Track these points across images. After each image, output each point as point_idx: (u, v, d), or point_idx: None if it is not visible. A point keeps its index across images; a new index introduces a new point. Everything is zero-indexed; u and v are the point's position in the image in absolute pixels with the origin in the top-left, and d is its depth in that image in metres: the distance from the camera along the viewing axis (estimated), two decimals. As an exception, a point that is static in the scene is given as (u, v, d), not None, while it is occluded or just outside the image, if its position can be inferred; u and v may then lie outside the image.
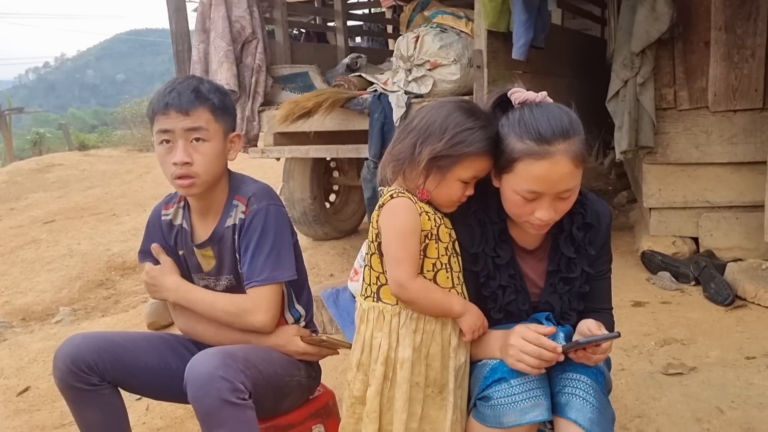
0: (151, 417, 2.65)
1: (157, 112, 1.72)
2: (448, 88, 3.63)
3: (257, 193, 1.82)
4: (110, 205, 7.91)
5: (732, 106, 3.76)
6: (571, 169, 1.45)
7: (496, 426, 1.50)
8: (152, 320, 3.59)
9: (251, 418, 1.59)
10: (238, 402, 1.55)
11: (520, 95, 1.51)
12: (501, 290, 1.63)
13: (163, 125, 1.72)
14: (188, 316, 1.89)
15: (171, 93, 1.72)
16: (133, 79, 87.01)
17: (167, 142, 1.73)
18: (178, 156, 1.72)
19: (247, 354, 1.69)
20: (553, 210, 1.50)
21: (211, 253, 1.87)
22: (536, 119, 1.45)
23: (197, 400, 1.55)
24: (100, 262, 5.29)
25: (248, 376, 1.60)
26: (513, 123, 1.49)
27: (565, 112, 1.48)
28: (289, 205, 4.78)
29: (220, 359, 1.57)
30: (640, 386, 2.53)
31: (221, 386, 1.53)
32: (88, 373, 1.72)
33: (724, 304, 3.27)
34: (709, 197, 3.93)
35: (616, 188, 6.06)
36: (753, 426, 2.21)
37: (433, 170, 1.51)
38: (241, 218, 1.80)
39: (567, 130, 1.44)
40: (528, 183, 1.46)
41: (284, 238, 1.82)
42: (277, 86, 4.30)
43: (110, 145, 15.44)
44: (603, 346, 1.48)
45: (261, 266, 1.77)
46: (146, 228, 1.96)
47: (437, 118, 1.53)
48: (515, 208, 1.53)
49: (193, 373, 1.56)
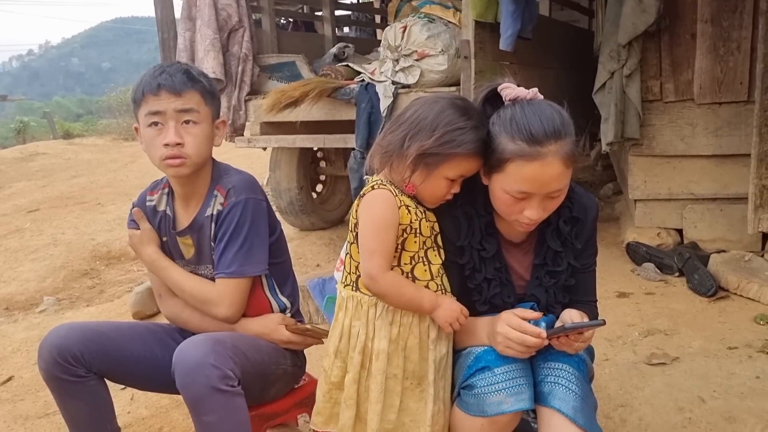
0: (136, 407, 2.64)
1: (147, 93, 1.71)
2: (436, 79, 3.63)
3: (237, 186, 1.81)
4: (95, 194, 7.85)
5: (717, 98, 3.78)
6: (562, 170, 1.45)
7: (479, 414, 1.50)
8: (137, 309, 3.57)
9: (241, 405, 1.59)
10: (228, 389, 1.55)
11: (511, 92, 1.50)
12: (486, 283, 1.64)
13: (153, 106, 1.71)
14: (173, 303, 1.89)
15: (162, 74, 1.71)
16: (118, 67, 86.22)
17: (156, 125, 1.72)
18: (170, 137, 1.71)
19: (236, 341, 1.69)
20: (542, 209, 1.51)
21: (191, 242, 1.87)
22: (528, 119, 1.44)
23: (186, 387, 1.54)
24: (85, 252, 5.25)
25: (237, 363, 1.60)
26: (504, 122, 1.47)
27: (557, 111, 1.47)
28: (276, 195, 4.76)
29: (209, 346, 1.57)
30: (623, 376, 2.55)
31: (210, 373, 1.53)
32: (74, 365, 1.71)
33: (707, 295, 3.30)
34: (693, 189, 3.96)
35: (602, 180, 6.09)
36: (734, 415, 2.24)
37: (420, 166, 1.51)
38: (219, 209, 1.80)
39: (559, 131, 1.43)
40: (519, 184, 1.46)
41: (258, 232, 1.81)
42: (263, 75, 4.28)
43: (95, 133, 15.32)
44: (585, 334, 1.49)
45: (231, 259, 1.77)
46: (132, 209, 1.95)
47: (429, 114, 1.52)
48: (504, 206, 1.53)
49: (182, 359, 1.56)
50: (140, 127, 1.77)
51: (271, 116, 3.90)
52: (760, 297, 3.20)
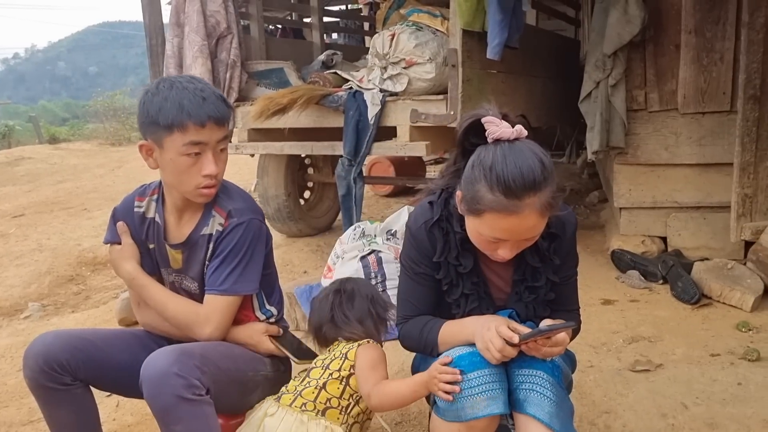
0: (122, 413, 2.63)
1: (190, 122, 1.65)
2: (423, 87, 3.65)
3: (240, 208, 1.81)
4: (81, 199, 7.80)
5: (701, 108, 3.83)
6: (538, 220, 1.46)
7: (454, 420, 1.51)
8: (123, 316, 3.56)
9: (209, 414, 1.58)
10: (194, 398, 1.54)
11: (495, 130, 1.46)
12: (464, 298, 1.66)
13: (198, 137, 1.67)
14: (152, 312, 1.88)
15: (205, 103, 1.67)
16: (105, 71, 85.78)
17: (196, 154, 1.70)
18: (211, 168, 1.70)
19: (205, 350, 1.68)
20: (517, 249, 1.53)
21: (181, 256, 1.87)
22: (509, 170, 1.41)
23: (152, 397, 1.54)
24: (71, 257, 5.22)
25: (205, 372, 1.59)
26: (485, 168, 1.44)
27: (538, 159, 1.44)
28: (263, 202, 4.76)
29: (175, 356, 1.57)
30: (608, 383, 2.57)
31: (176, 383, 1.52)
32: (60, 373, 1.70)
33: (690, 303, 3.34)
34: (677, 197, 4.00)
35: (588, 188, 6.14)
36: (716, 421, 2.27)
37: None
38: (218, 230, 1.80)
39: (539, 183, 1.41)
40: (494, 232, 1.48)
41: (256, 253, 1.82)
42: (251, 82, 4.28)
43: (82, 138, 15.26)
44: (554, 339, 1.50)
45: (225, 276, 1.77)
46: (112, 216, 1.94)
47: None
48: (478, 244, 1.56)
49: (148, 371, 1.56)
50: (168, 152, 1.70)
51: (259, 123, 3.91)
52: (742, 304, 3.24)
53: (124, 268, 1.87)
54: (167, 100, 1.66)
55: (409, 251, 1.70)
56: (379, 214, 5.97)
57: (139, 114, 1.74)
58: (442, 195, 1.67)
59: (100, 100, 16.64)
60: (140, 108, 1.73)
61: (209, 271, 1.80)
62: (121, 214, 1.93)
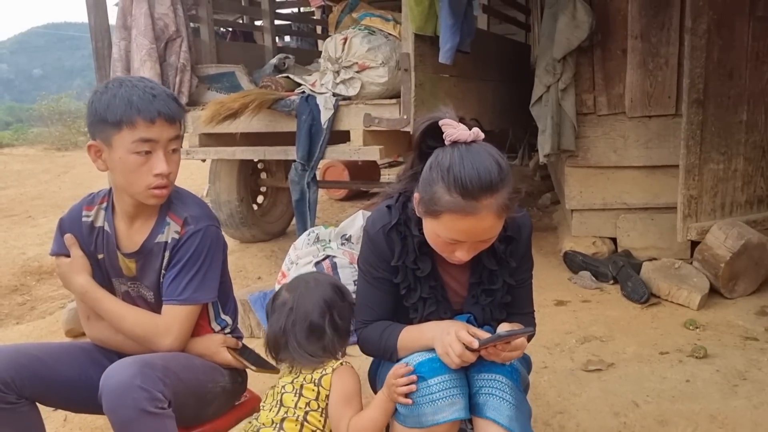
0: (70, 428, 2.55)
1: (140, 119, 1.61)
2: (376, 91, 3.65)
3: (195, 214, 1.77)
4: (25, 206, 7.57)
5: (647, 111, 3.92)
6: (495, 222, 1.47)
7: (415, 426, 1.51)
8: (70, 327, 3.45)
9: (170, 428, 1.54)
10: (157, 411, 1.50)
11: (452, 132, 1.46)
12: (422, 302, 1.66)
13: (147, 134, 1.63)
14: (103, 326, 1.82)
15: (155, 101, 1.63)
16: (50, 74, 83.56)
17: (146, 153, 1.65)
18: (163, 167, 1.65)
19: (167, 362, 1.64)
20: (474, 251, 1.54)
21: (134, 265, 1.82)
22: (466, 171, 1.41)
23: (113, 410, 1.49)
24: (15, 267, 5.06)
25: (167, 385, 1.55)
26: (443, 170, 1.44)
27: (495, 161, 1.44)
28: (216, 207, 4.69)
29: (137, 368, 1.52)
30: (561, 383, 2.61)
31: (138, 396, 1.47)
32: (4, 391, 1.63)
33: (640, 302, 3.41)
34: (626, 199, 4.09)
35: (540, 190, 6.24)
36: (666, 418, 2.32)
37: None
38: (174, 237, 1.75)
39: (495, 185, 1.42)
40: (451, 233, 1.48)
41: (214, 260, 1.78)
42: (202, 86, 4.22)
43: (26, 143, 14.79)
44: (513, 343, 1.51)
45: (184, 285, 1.73)
46: (59, 227, 1.87)
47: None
48: (436, 246, 1.55)
49: (109, 383, 1.50)
50: (117, 151, 1.65)
51: (210, 128, 3.85)
52: (689, 303, 3.33)
53: (76, 282, 1.80)
54: (116, 96, 1.63)
55: (367, 255, 1.70)
56: (334, 218, 5.95)
57: (87, 114, 1.70)
58: (400, 199, 1.67)
59: (45, 104, 16.20)
60: (89, 108, 1.69)
61: (167, 280, 1.75)
62: (69, 224, 1.86)
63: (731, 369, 2.66)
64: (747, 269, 3.42)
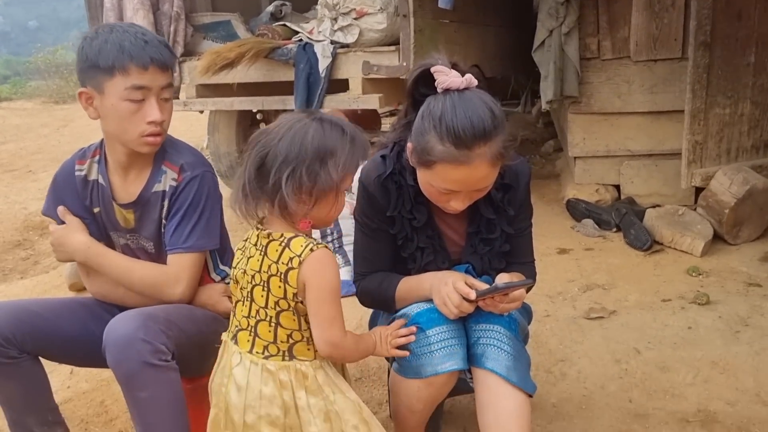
0: (76, 380, 2.57)
1: (132, 65, 1.60)
2: (375, 38, 3.57)
3: (191, 162, 1.75)
4: (25, 161, 7.53)
5: (653, 55, 3.84)
6: (489, 171, 1.44)
7: (414, 376, 1.52)
8: (74, 281, 3.46)
9: (174, 380, 1.55)
10: (160, 364, 1.51)
11: (444, 80, 1.43)
12: (419, 251, 1.65)
13: (140, 81, 1.61)
14: (104, 280, 1.82)
15: (147, 47, 1.61)
16: (46, 26, 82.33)
17: (138, 100, 1.63)
18: (156, 114, 1.64)
19: (169, 314, 1.64)
20: (469, 200, 1.51)
21: (132, 215, 1.80)
22: (458, 120, 1.38)
23: (117, 363, 1.50)
24: (17, 222, 5.05)
25: (170, 337, 1.55)
26: (434, 118, 1.42)
27: (488, 108, 1.41)
28: (215, 159, 4.66)
29: (140, 321, 1.52)
30: (563, 331, 2.62)
31: (142, 348, 1.48)
32: (5, 346, 1.64)
33: (643, 249, 3.40)
34: (630, 146, 4.04)
35: (543, 137, 6.16)
36: (667, 364, 2.33)
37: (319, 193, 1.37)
38: (172, 185, 1.73)
39: (489, 132, 1.39)
40: (445, 183, 1.46)
41: (215, 206, 1.77)
42: (197, 35, 4.14)
43: (24, 97, 14.63)
44: (511, 295, 1.50)
45: (188, 233, 1.72)
46: (53, 184, 1.85)
47: (317, 139, 1.40)
48: (430, 196, 1.54)
49: (113, 336, 1.51)
50: (109, 98, 1.63)
51: (207, 78, 3.79)
52: (692, 250, 3.32)
53: (76, 240, 1.78)
54: (107, 42, 1.61)
55: (363, 207, 1.68)
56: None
57: (77, 60, 1.67)
58: (395, 148, 1.65)
59: (41, 56, 15.94)
60: (79, 54, 1.66)
61: (169, 229, 1.74)
62: (62, 180, 1.84)
63: (733, 315, 2.66)
64: (751, 215, 3.40)
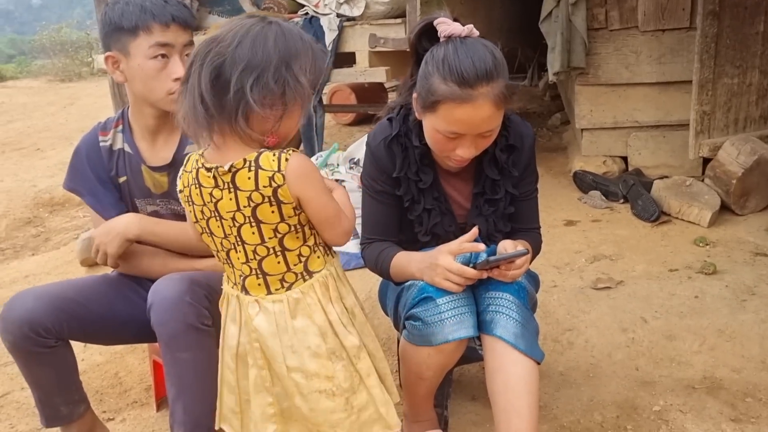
0: (90, 353, 2.62)
1: (155, 23, 1.64)
2: (381, 10, 3.55)
3: None
4: (33, 139, 7.55)
5: (661, 25, 3.81)
6: (493, 111, 1.46)
7: (424, 344, 1.54)
8: (85, 257, 3.50)
9: (212, 345, 1.58)
10: (202, 327, 1.54)
11: (446, 28, 1.48)
12: (426, 213, 1.67)
13: (164, 38, 1.66)
14: (129, 253, 1.82)
15: (168, 5, 1.67)
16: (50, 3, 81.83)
17: (163, 57, 1.67)
18: (180, 71, 1.66)
19: (209, 280, 1.66)
20: (474, 147, 1.53)
21: (166, 179, 1.82)
22: (460, 60, 1.44)
23: (163, 323, 1.53)
24: (27, 199, 5.09)
25: (212, 303, 1.58)
26: (437, 61, 1.47)
27: (490, 52, 1.46)
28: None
29: (186, 284, 1.56)
30: (571, 301, 2.64)
31: (188, 311, 1.52)
32: (45, 336, 1.66)
33: (650, 221, 3.41)
34: (638, 117, 4.02)
35: (550, 110, 6.13)
36: (674, 333, 2.35)
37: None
38: None
39: (491, 73, 1.43)
40: (450, 125, 1.48)
41: None
42: (203, 10, 4.13)
43: (30, 75, 14.64)
44: (517, 262, 1.52)
45: None
46: (75, 157, 1.86)
47: (277, 46, 1.23)
48: (436, 144, 1.55)
49: (159, 296, 1.54)
50: (135, 58, 1.67)
51: (213, 53, 3.78)
52: (699, 220, 3.32)
53: (122, 220, 1.75)
54: (129, 4, 1.66)
55: (369, 169, 1.70)
56: (342, 143, 5.91)
57: (101, 26, 1.72)
58: (401, 111, 1.67)
59: (45, 34, 15.91)
60: (102, 20, 1.71)
61: None
62: (87, 151, 1.85)
63: (740, 284, 2.68)
64: (759, 185, 3.39)
